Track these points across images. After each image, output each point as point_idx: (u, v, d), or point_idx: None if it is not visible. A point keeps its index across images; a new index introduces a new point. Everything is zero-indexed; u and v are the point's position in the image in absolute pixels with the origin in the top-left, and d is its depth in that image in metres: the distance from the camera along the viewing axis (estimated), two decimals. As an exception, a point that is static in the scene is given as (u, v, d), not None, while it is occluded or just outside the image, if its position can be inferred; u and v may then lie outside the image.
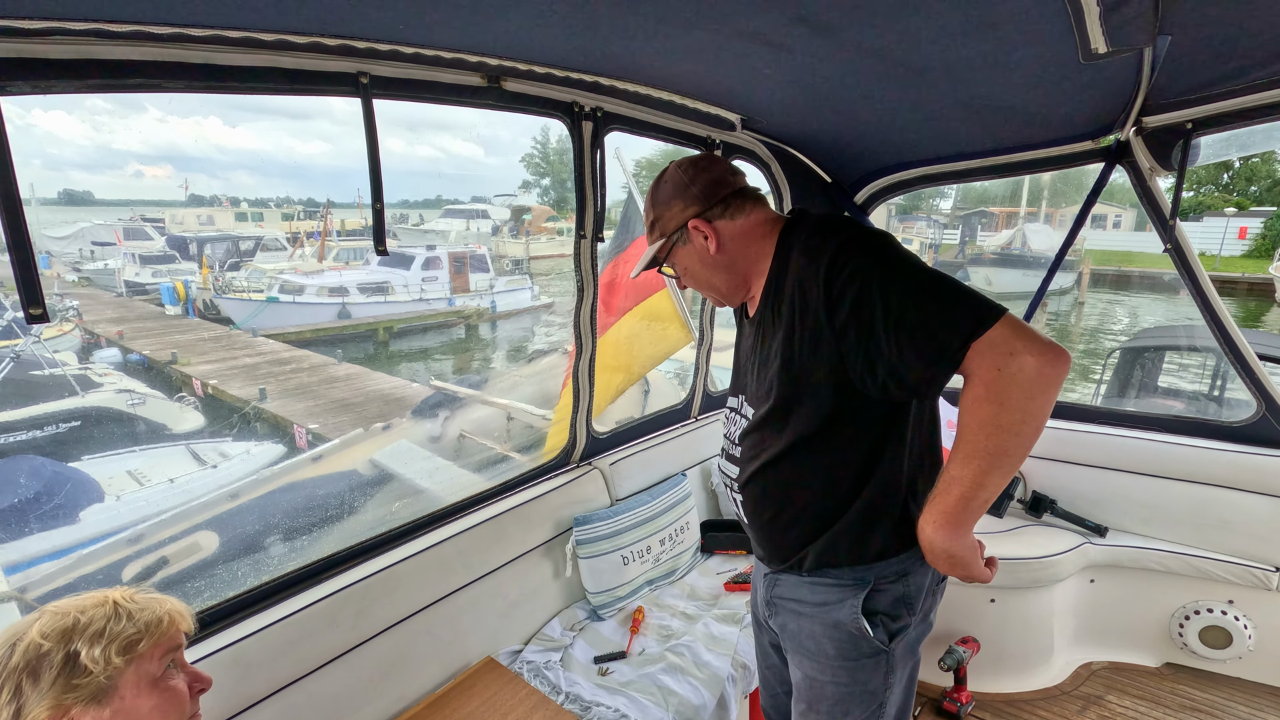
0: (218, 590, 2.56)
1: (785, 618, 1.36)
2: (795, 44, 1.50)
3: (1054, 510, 2.68)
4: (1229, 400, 5.46)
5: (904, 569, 1.25)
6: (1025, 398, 0.98)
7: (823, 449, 1.19)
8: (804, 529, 1.25)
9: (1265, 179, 36.43)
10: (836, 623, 1.26)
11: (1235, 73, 1.69)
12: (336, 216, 30.06)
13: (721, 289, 1.33)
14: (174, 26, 1.14)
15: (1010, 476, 1.07)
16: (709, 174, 1.28)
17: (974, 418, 1.02)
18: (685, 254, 1.31)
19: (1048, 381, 0.98)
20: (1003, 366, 0.98)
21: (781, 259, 1.22)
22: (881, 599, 1.24)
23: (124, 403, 8.73)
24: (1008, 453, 1.02)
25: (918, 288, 1.05)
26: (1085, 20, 1.30)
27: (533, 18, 1.34)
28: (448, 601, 1.92)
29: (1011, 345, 0.98)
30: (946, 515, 1.09)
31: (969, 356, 1.00)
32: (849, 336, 1.09)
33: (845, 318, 1.08)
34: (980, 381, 1.00)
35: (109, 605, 0.95)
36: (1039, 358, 0.98)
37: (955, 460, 1.06)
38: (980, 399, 1.01)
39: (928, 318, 1.03)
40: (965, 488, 1.06)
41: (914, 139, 2.37)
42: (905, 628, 1.26)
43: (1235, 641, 2.39)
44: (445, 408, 6.34)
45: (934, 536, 1.12)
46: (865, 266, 1.08)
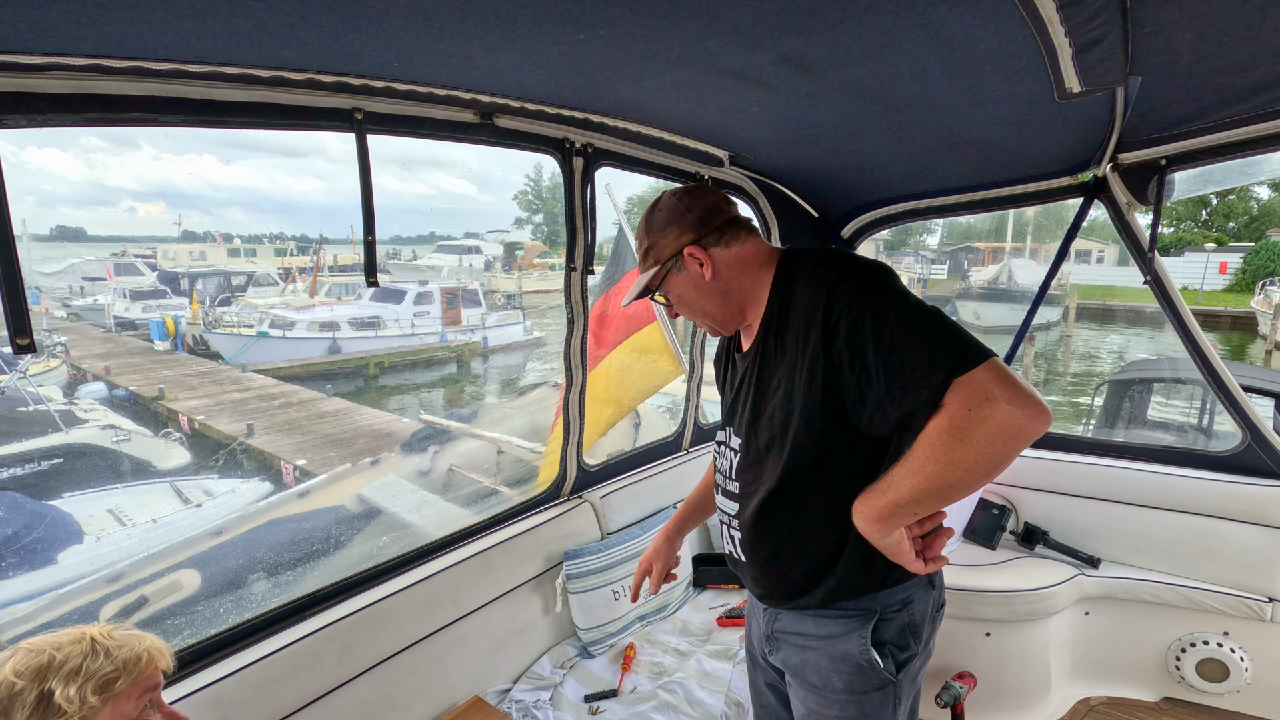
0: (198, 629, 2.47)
1: (788, 652, 1.33)
2: (781, 82, 1.54)
3: (1046, 541, 2.67)
4: (1216, 431, 5.51)
5: (907, 597, 1.23)
6: (987, 443, 0.97)
7: (824, 481, 1.19)
8: (807, 565, 1.23)
9: (1242, 215, 37.36)
10: (844, 655, 1.23)
11: (1205, 110, 1.75)
12: (330, 252, 30.23)
13: (717, 316, 1.32)
14: (172, 63, 1.17)
15: (946, 504, 1.06)
16: (704, 202, 1.29)
17: (930, 444, 1.01)
18: (680, 281, 1.30)
19: (1017, 434, 0.96)
20: (974, 408, 0.97)
21: (783, 289, 1.23)
22: (888, 628, 1.23)
23: (108, 439, 8.61)
24: (951, 484, 1.01)
25: (909, 322, 1.06)
26: (1059, 61, 1.35)
27: (525, 56, 1.38)
28: (435, 638, 1.88)
29: (989, 390, 0.97)
30: (876, 512, 1.10)
31: (947, 394, 1.00)
32: (844, 368, 1.09)
33: (841, 348, 1.09)
34: (948, 415, 0.99)
35: (86, 642, 0.92)
36: (1016, 409, 0.96)
37: (900, 470, 1.06)
38: (942, 430, 0.99)
39: (915, 352, 1.03)
40: (900, 496, 1.06)
41: (898, 174, 2.43)
42: (912, 657, 1.25)
43: (1232, 674, 2.36)
44: (434, 442, 6.28)
45: (862, 526, 1.13)
46: (861, 298, 1.09)
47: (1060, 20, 1.17)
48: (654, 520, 2.52)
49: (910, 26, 1.24)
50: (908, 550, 1.14)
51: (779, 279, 1.25)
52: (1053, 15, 1.16)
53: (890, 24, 1.23)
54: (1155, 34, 1.32)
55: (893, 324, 1.05)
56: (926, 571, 1.17)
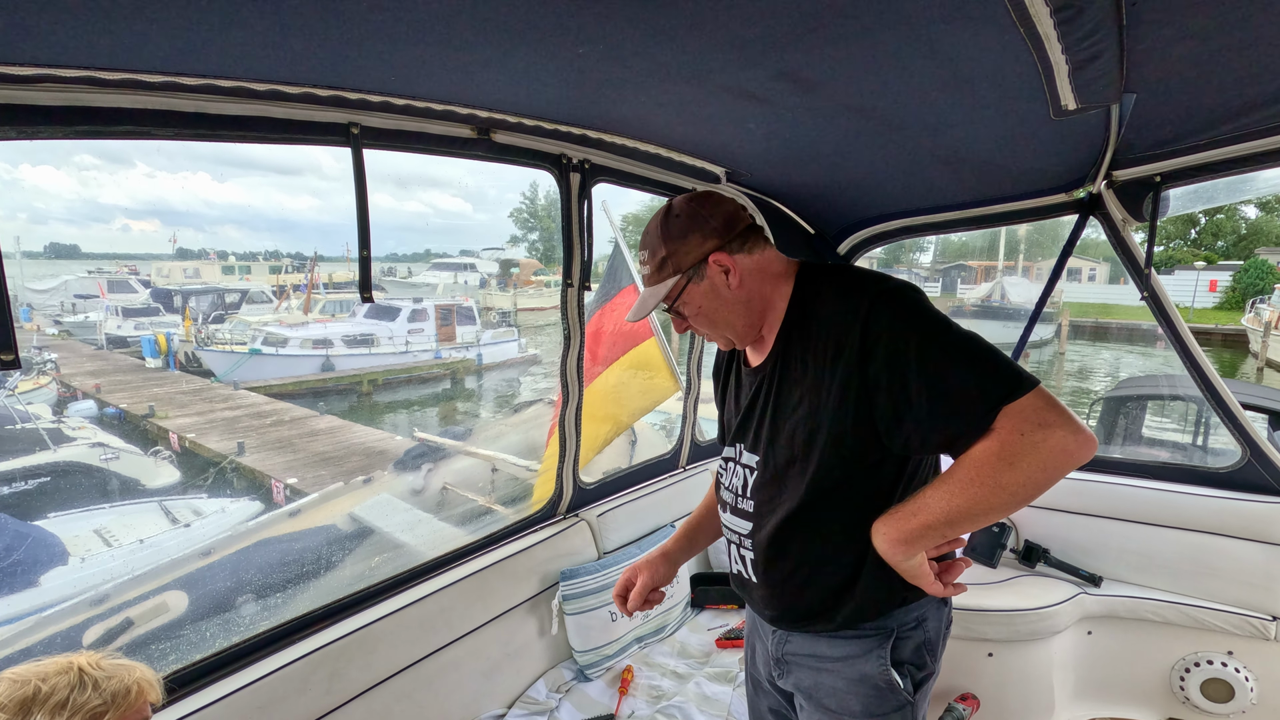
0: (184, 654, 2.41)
1: (800, 675, 1.29)
2: (778, 99, 1.54)
3: (1047, 560, 2.64)
4: (1212, 448, 5.51)
5: (921, 614, 1.21)
6: (1038, 468, 0.97)
7: (845, 501, 1.16)
8: (824, 587, 1.20)
9: (1231, 234, 37.86)
10: (863, 676, 1.20)
11: (1200, 127, 1.76)
12: (324, 270, 30.20)
13: (737, 327, 1.26)
14: (166, 75, 1.15)
15: (976, 528, 1.06)
16: (724, 207, 1.24)
17: (976, 467, 1.00)
18: (700, 292, 1.23)
19: (1067, 459, 0.97)
20: (1027, 433, 0.97)
21: (806, 302, 1.19)
22: (905, 647, 1.20)
23: (96, 457, 8.50)
24: (990, 507, 1.01)
25: (955, 347, 1.04)
26: (1056, 78, 1.35)
27: (523, 71, 1.37)
28: (428, 662, 1.84)
29: (1043, 416, 0.97)
30: (903, 535, 1.07)
31: (997, 419, 0.99)
32: (880, 388, 1.07)
33: (879, 369, 1.06)
34: (999, 440, 0.99)
35: (73, 673, 0.88)
36: (1070, 435, 0.96)
37: (937, 492, 1.04)
38: (992, 454, 0.99)
39: (962, 380, 1.02)
40: (932, 518, 1.04)
41: (894, 191, 2.44)
42: (929, 675, 1.22)
43: (1238, 695, 2.33)
44: (428, 460, 6.22)
45: (882, 547, 1.10)
46: (903, 319, 1.07)
47: (1058, 37, 1.17)
48: (651, 539, 2.48)
49: (909, 43, 1.24)
50: (928, 573, 1.12)
51: (800, 291, 1.21)
52: (1050, 32, 1.16)
53: (889, 41, 1.23)
54: (1150, 51, 1.32)
55: (939, 348, 1.04)
56: (946, 595, 1.15)
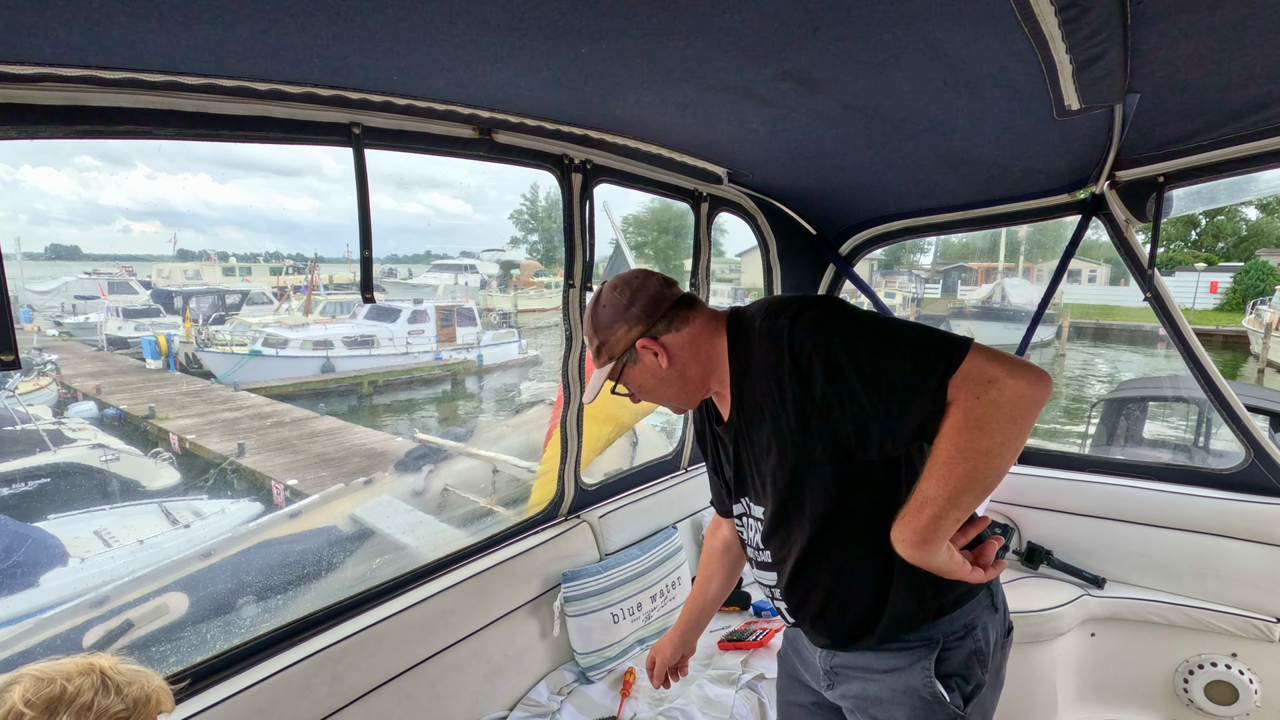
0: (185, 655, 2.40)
1: (849, 686, 1.29)
2: (781, 99, 1.54)
3: (1050, 561, 2.64)
4: (1213, 449, 5.50)
5: (970, 622, 1.20)
6: (1006, 421, 0.97)
7: (851, 520, 1.17)
8: (859, 607, 1.21)
9: (1231, 236, 37.87)
10: (908, 688, 1.19)
11: (1203, 128, 1.76)
12: (325, 271, 30.23)
13: (677, 399, 1.32)
14: (167, 74, 1.15)
15: (984, 498, 1.05)
16: (646, 291, 1.26)
17: (951, 442, 1.00)
18: (637, 373, 1.29)
19: (1029, 403, 0.98)
20: (981, 394, 0.97)
21: (740, 351, 1.22)
22: (953, 658, 1.18)
23: (96, 459, 8.49)
24: (984, 475, 1.01)
25: (880, 340, 1.05)
26: (1059, 78, 1.35)
27: (525, 71, 1.37)
28: (430, 664, 1.83)
29: (988, 372, 0.98)
30: (917, 533, 1.06)
31: (949, 391, 0.99)
32: (833, 407, 1.08)
33: (823, 389, 1.07)
34: (959, 410, 0.99)
35: (96, 675, 0.87)
36: (1020, 380, 0.97)
37: (930, 480, 1.04)
38: (959, 426, 0.99)
39: (900, 367, 1.02)
40: (939, 507, 1.03)
41: (897, 192, 2.43)
42: (980, 687, 1.20)
43: (1242, 697, 2.32)
44: (429, 461, 6.22)
45: (907, 553, 1.09)
46: (824, 333, 1.08)
47: (1062, 36, 1.17)
48: (653, 540, 2.47)
49: (912, 43, 1.24)
50: (961, 563, 1.11)
51: (732, 343, 1.24)
52: (1054, 31, 1.15)
53: (892, 40, 1.23)
54: (1154, 51, 1.32)
55: (865, 347, 1.05)
56: (987, 579, 1.14)
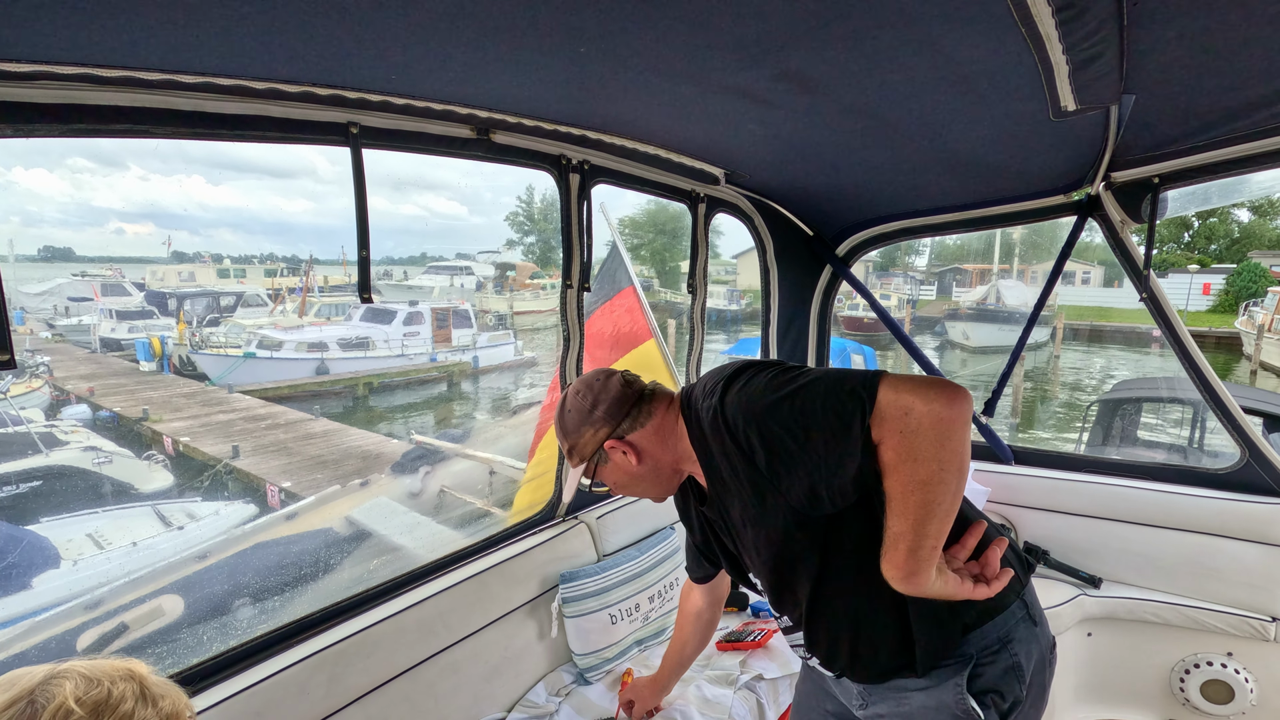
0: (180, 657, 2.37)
1: (884, 705, 1.28)
2: (779, 99, 1.54)
3: (1047, 561, 2.64)
4: (1208, 449, 5.53)
5: (1005, 634, 1.18)
6: (934, 446, 0.96)
7: (842, 571, 1.17)
8: (887, 648, 1.20)
9: (1224, 238, 38.10)
10: (940, 705, 1.17)
11: (1197, 129, 1.77)
12: (320, 273, 30.15)
13: (654, 490, 1.37)
14: (165, 73, 1.14)
15: (950, 519, 1.03)
16: (607, 393, 1.31)
17: (894, 479, 1.00)
18: (610, 471, 1.33)
19: (949, 423, 0.96)
20: (903, 427, 0.97)
21: (697, 436, 1.24)
22: (989, 673, 1.16)
23: (89, 461, 8.45)
24: (937, 502, 0.99)
25: (798, 399, 1.06)
26: (1056, 78, 1.35)
27: (523, 70, 1.37)
28: (427, 665, 1.82)
29: (902, 404, 0.97)
30: (901, 569, 1.05)
31: (873, 432, 1.00)
32: (780, 476, 1.09)
33: (766, 461, 1.09)
34: (888, 448, 0.99)
35: (135, 683, 0.86)
36: (933, 403, 0.96)
37: (892, 516, 1.03)
38: (894, 463, 0.99)
39: (825, 422, 1.03)
40: (909, 540, 1.02)
41: (894, 193, 2.44)
42: (1017, 704, 1.17)
43: (1238, 696, 2.33)
44: (426, 462, 6.20)
45: (900, 588, 1.08)
46: (748, 406, 1.11)
47: (1059, 37, 1.18)
48: (651, 541, 2.47)
49: (910, 43, 1.24)
50: (959, 584, 1.09)
51: (689, 427, 1.26)
52: (1051, 32, 1.16)
53: (891, 41, 1.23)
54: (1150, 52, 1.33)
55: (788, 411, 1.06)
56: (993, 592, 1.11)
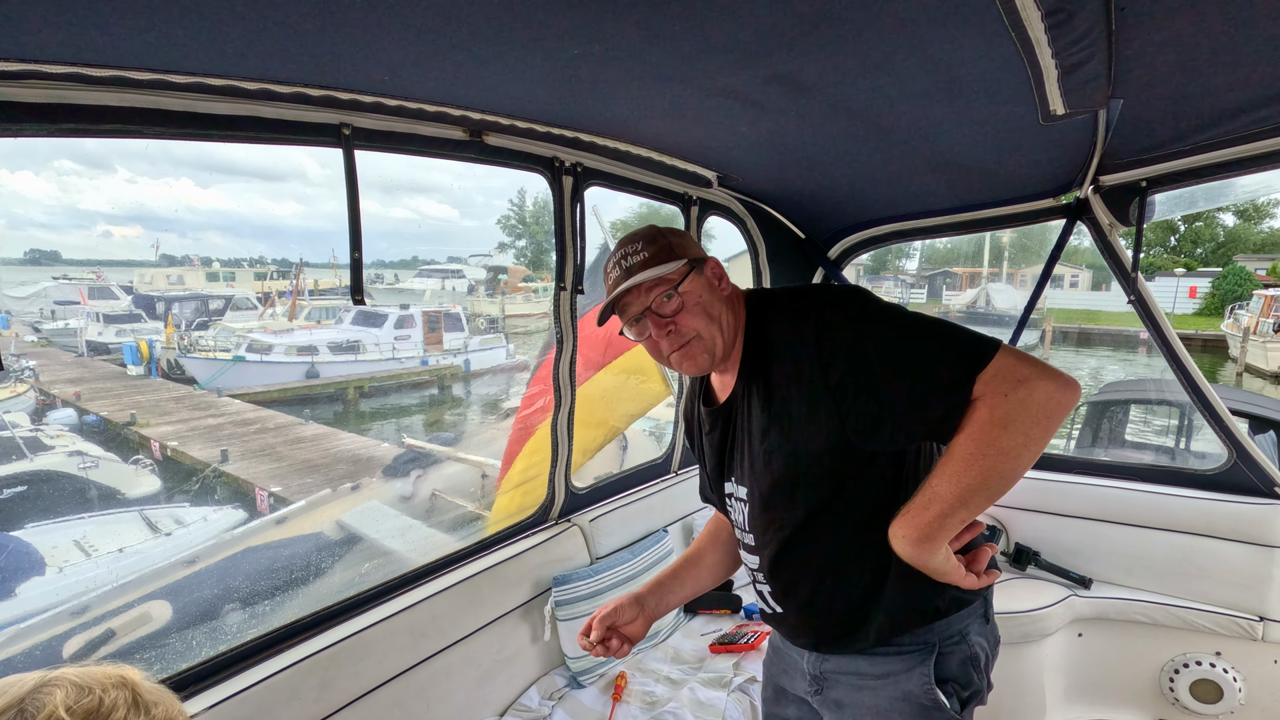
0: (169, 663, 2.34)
1: (840, 693, 1.25)
2: (771, 102, 1.55)
3: (1038, 562, 2.66)
4: (1194, 451, 5.58)
5: (964, 628, 1.18)
6: (1031, 422, 0.96)
7: (844, 512, 1.15)
8: (848, 601, 1.17)
9: (1209, 241, 38.54)
10: (906, 694, 1.16)
11: (1185, 133, 1.79)
12: (311, 276, 29.99)
13: (724, 332, 1.20)
14: (155, 73, 1.14)
15: (992, 502, 1.04)
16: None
17: (972, 439, 0.99)
18: (702, 284, 1.19)
19: (1057, 407, 0.97)
20: (1010, 392, 0.97)
21: (758, 329, 1.20)
22: (950, 663, 1.16)
23: (75, 466, 8.35)
24: (999, 475, 0.99)
25: (910, 333, 1.04)
26: (1045, 83, 1.37)
27: (515, 72, 1.37)
28: (419, 670, 1.81)
29: (1020, 372, 0.97)
30: (920, 530, 1.05)
31: (975, 388, 0.98)
32: (847, 393, 1.06)
33: (841, 376, 1.06)
34: (985, 406, 0.98)
35: (128, 691, 0.84)
36: (1050, 383, 0.96)
37: (942, 476, 1.02)
38: (984, 422, 0.98)
39: (928, 362, 1.02)
40: (946, 505, 1.02)
41: (885, 196, 2.45)
42: (977, 693, 1.19)
43: (1226, 695, 2.35)
44: (417, 466, 6.17)
45: (905, 550, 1.08)
46: (854, 322, 1.08)
47: (1048, 42, 1.19)
48: (644, 544, 2.47)
49: (901, 47, 1.25)
50: (956, 566, 1.10)
51: (751, 320, 1.23)
52: (1041, 37, 1.17)
53: (882, 44, 1.24)
54: (1138, 57, 1.34)
55: (895, 338, 1.04)
56: (980, 585, 1.13)
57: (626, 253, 1.22)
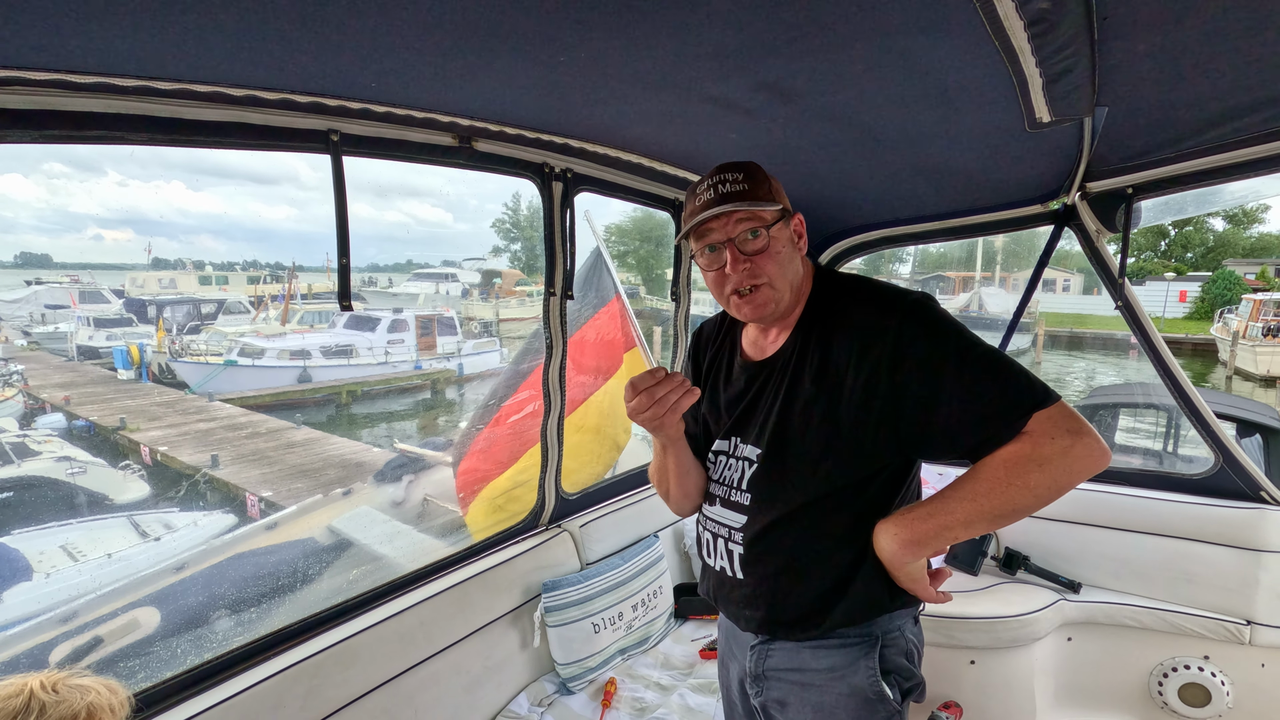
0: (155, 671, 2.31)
1: (784, 691, 1.25)
2: (760, 109, 1.55)
3: (1027, 566, 2.67)
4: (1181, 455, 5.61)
5: (901, 624, 1.21)
6: (1064, 471, 1.01)
7: (850, 501, 1.17)
8: (813, 587, 1.18)
9: (1199, 246, 38.85)
10: (853, 689, 1.18)
11: (1169, 141, 1.80)
12: (304, 280, 29.87)
13: (793, 290, 1.22)
14: (140, 79, 1.13)
15: (986, 531, 1.08)
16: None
17: (1004, 468, 1.03)
18: (786, 233, 1.22)
19: (1089, 466, 1.02)
20: (1058, 437, 1.02)
21: (826, 303, 1.23)
22: (892, 656, 1.19)
23: (63, 471, 8.29)
24: (1012, 509, 1.04)
25: (985, 359, 1.08)
26: (1030, 91, 1.37)
27: (504, 79, 1.37)
28: (407, 677, 1.80)
29: (1072, 424, 1.03)
30: (915, 535, 1.09)
31: (1029, 423, 1.03)
32: (909, 394, 1.09)
33: (909, 376, 1.09)
34: (1031, 443, 1.02)
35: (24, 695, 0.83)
36: (1095, 443, 1.02)
37: (957, 493, 1.06)
38: (1024, 456, 1.02)
39: (996, 388, 1.06)
40: (951, 520, 1.06)
41: (874, 202, 2.46)
42: (917, 685, 1.22)
43: (1214, 699, 2.36)
44: (409, 471, 6.15)
45: (889, 548, 1.11)
46: (938, 332, 1.11)
47: (1031, 50, 1.20)
48: (635, 549, 2.46)
49: (887, 55, 1.26)
50: (924, 576, 1.13)
51: (819, 292, 1.25)
52: (1024, 45, 1.18)
53: (867, 52, 1.25)
54: (1121, 66, 1.35)
55: (973, 358, 1.08)
56: (939, 601, 1.17)
57: (725, 178, 1.20)
